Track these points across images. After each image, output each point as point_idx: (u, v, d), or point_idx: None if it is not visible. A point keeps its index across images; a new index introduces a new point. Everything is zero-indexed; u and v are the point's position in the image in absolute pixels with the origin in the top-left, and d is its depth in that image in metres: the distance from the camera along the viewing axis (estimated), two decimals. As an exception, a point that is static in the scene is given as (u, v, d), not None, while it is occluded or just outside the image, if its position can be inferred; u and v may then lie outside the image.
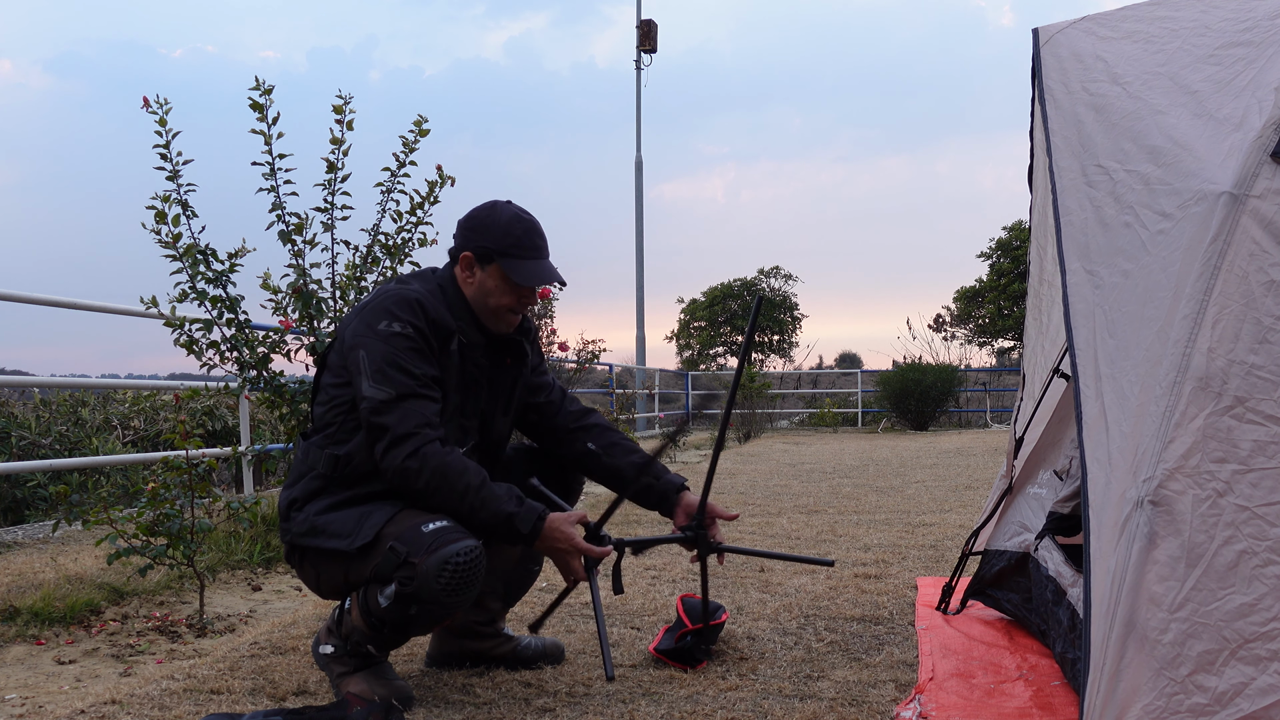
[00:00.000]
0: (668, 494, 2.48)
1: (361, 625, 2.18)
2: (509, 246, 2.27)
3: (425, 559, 2.04)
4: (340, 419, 2.24)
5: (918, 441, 13.43)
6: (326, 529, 2.18)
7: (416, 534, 2.08)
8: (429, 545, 2.05)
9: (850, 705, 2.18)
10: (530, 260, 2.29)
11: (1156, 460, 1.62)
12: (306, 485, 2.24)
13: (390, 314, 2.18)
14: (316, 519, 2.19)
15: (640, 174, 21.15)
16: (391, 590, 2.08)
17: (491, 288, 2.30)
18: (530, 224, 2.32)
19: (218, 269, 4.04)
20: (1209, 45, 2.02)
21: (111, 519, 3.16)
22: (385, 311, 2.19)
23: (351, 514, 2.17)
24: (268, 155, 4.06)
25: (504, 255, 2.27)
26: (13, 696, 2.41)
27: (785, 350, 28.04)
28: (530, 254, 2.30)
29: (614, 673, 2.17)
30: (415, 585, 2.05)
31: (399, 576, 2.07)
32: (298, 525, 2.22)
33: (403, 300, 2.20)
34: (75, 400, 7.86)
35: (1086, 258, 1.96)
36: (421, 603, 2.07)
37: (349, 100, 4.13)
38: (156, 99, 3.90)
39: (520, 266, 2.28)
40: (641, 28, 21.17)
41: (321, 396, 2.29)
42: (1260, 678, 1.49)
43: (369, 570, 2.12)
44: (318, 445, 2.25)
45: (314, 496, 2.23)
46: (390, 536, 2.10)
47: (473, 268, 2.31)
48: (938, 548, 4.30)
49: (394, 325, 2.17)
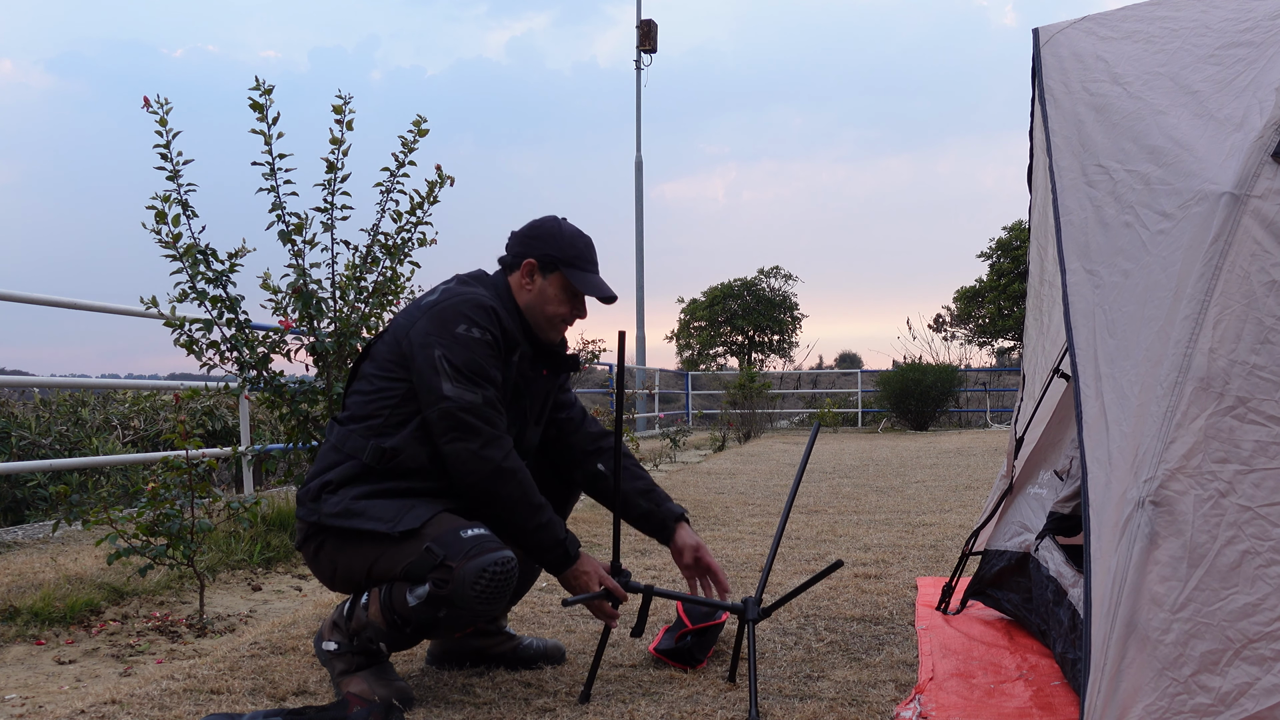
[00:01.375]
0: (666, 522, 2.49)
1: (380, 622, 2.17)
2: (573, 257, 2.35)
3: (463, 564, 2.04)
4: (388, 411, 2.24)
5: (918, 441, 13.43)
6: (366, 512, 2.17)
7: (455, 538, 2.08)
8: (468, 550, 2.06)
9: (850, 705, 2.18)
10: (591, 273, 2.39)
11: (1158, 460, 1.62)
12: (345, 470, 2.22)
13: (469, 319, 2.22)
14: (354, 503, 2.18)
15: (640, 174, 21.15)
16: (425, 591, 2.08)
17: (551, 295, 2.36)
18: (589, 240, 2.42)
19: (218, 269, 4.04)
20: (1210, 45, 2.01)
21: (111, 519, 3.16)
22: (463, 316, 2.22)
23: (393, 503, 2.17)
24: (268, 155, 4.06)
25: (568, 265, 2.35)
26: (13, 696, 2.41)
27: (785, 350, 28.03)
28: (591, 267, 2.40)
29: (590, 694, 2.24)
30: (450, 589, 2.05)
31: (434, 578, 2.07)
32: (331, 506, 2.20)
33: (480, 306, 2.24)
34: (75, 400, 7.86)
35: (1087, 257, 1.96)
36: (453, 607, 2.07)
37: (348, 100, 4.13)
38: (157, 99, 3.90)
39: (584, 277, 2.36)
40: (641, 28, 21.16)
41: (364, 385, 2.29)
42: (1265, 678, 1.49)
43: (399, 568, 2.12)
44: (359, 434, 2.24)
45: (351, 482, 2.22)
46: (428, 537, 2.10)
47: (534, 275, 2.35)
48: (938, 548, 4.30)
49: (474, 330, 2.21)
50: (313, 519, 2.24)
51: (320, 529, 2.23)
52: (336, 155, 4.15)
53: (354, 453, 2.23)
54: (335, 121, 4.12)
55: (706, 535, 4.75)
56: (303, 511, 2.27)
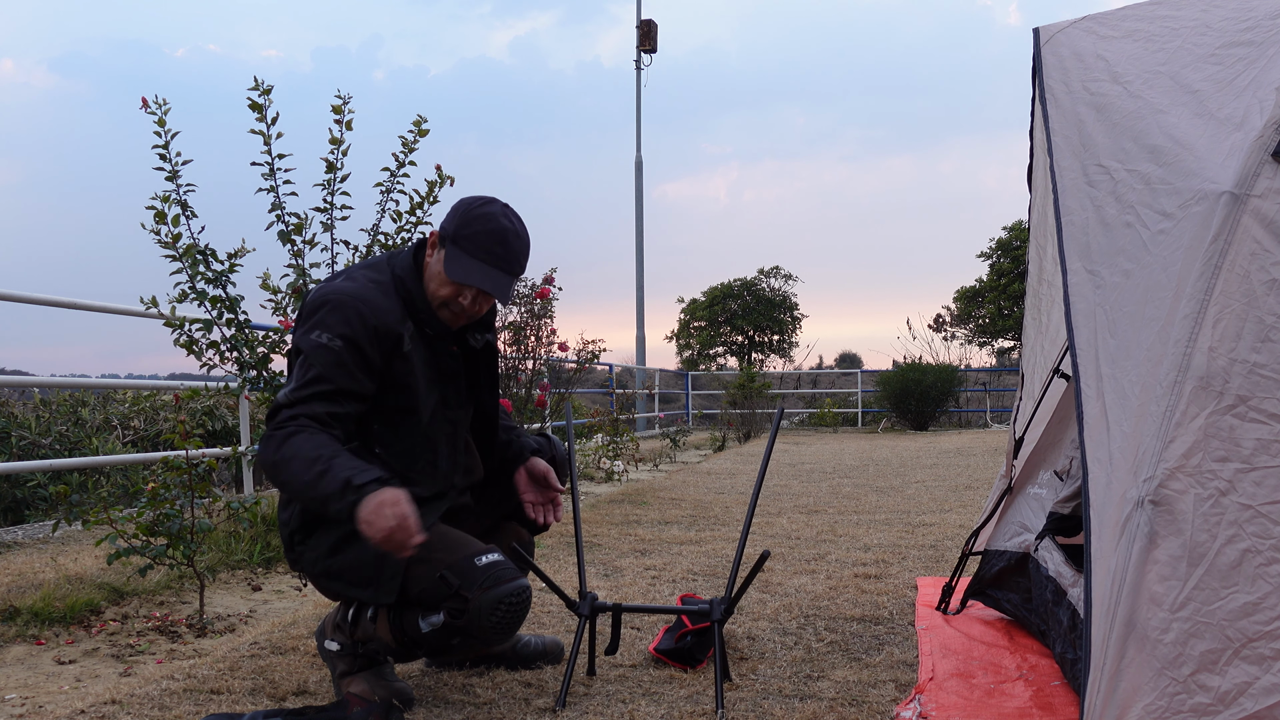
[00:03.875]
0: (521, 454, 2.40)
1: (389, 640, 2.14)
2: (463, 237, 2.09)
3: (479, 595, 2.01)
4: None
5: (918, 441, 13.43)
6: (344, 574, 2.11)
7: (470, 566, 2.04)
8: (483, 581, 2.02)
9: (850, 705, 2.18)
10: (475, 260, 2.09)
11: (1157, 460, 1.62)
12: (302, 514, 2.15)
13: (323, 324, 2.06)
14: (329, 562, 2.12)
15: (640, 174, 21.15)
16: (439, 620, 2.05)
17: (436, 272, 2.14)
18: (503, 231, 2.11)
19: (217, 269, 4.04)
20: (1210, 45, 2.01)
21: (111, 519, 3.16)
22: (319, 322, 2.06)
23: (364, 555, 2.06)
24: (267, 155, 4.06)
25: (454, 243, 2.10)
26: (13, 696, 2.40)
27: (785, 350, 28.03)
28: (483, 256, 2.09)
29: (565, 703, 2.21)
30: (466, 620, 2.02)
31: (449, 608, 2.04)
32: (309, 564, 2.15)
33: (338, 306, 2.06)
34: (75, 400, 7.85)
35: (1087, 257, 1.96)
36: (468, 636, 2.04)
37: (348, 100, 4.13)
38: (155, 99, 3.90)
39: (461, 260, 2.09)
40: (641, 28, 21.15)
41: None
42: (1264, 677, 1.49)
43: (412, 592, 2.07)
44: None
45: (313, 529, 2.14)
46: (439, 563, 2.04)
47: (434, 248, 2.17)
48: (938, 548, 4.30)
49: (323, 336, 2.04)
50: (297, 568, 2.21)
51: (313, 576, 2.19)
52: (336, 155, 4.15)
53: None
54: (335, 121, 4.12)
55: (706, 535, 4.76)
56: (287, 557, 2.22)
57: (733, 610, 2.35)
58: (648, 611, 2.46)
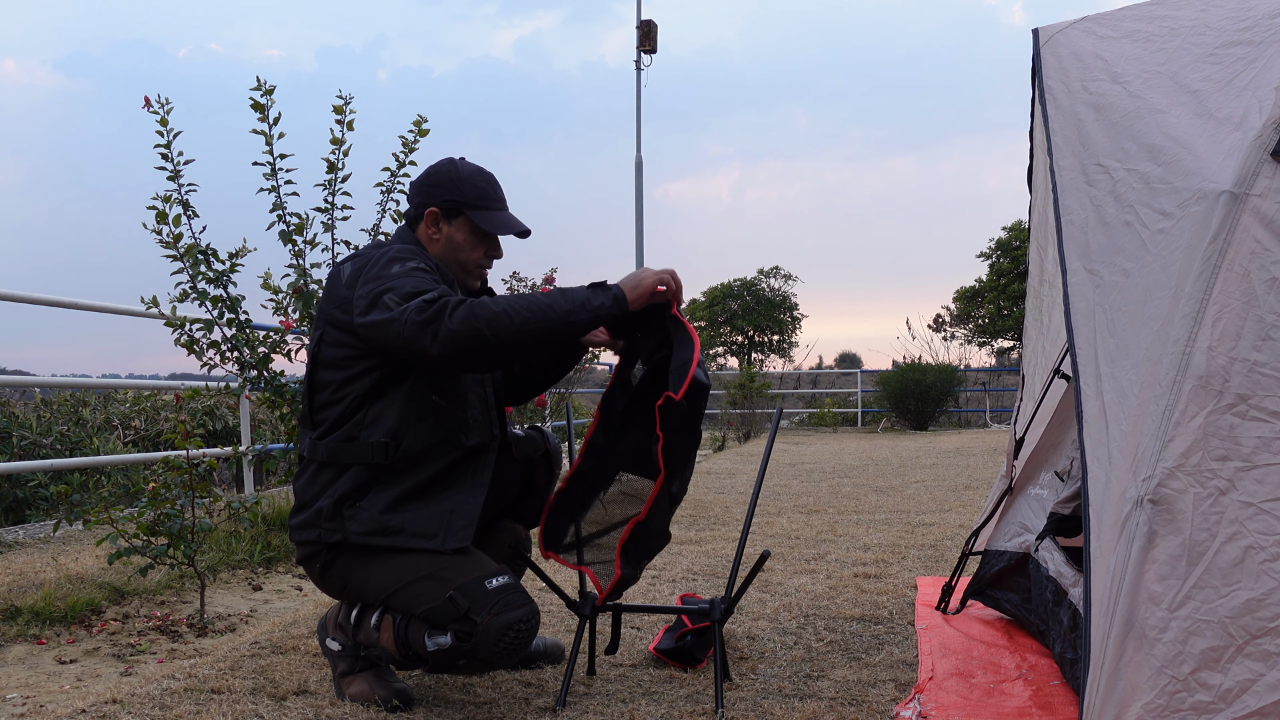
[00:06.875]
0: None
1: (392, 649, 2.13)
2: (476, 198, 2.23)
3: (488, 620, 1.99)
4: (363, 409, 2.11)
5: (917, 441, 13.43)
6: (404, 528, 2.07)
7: (480, 589, 2.02)
8: (492, 606, 2.00)
9: (850, 705, 2.18)
10: (498, 211, 2.27)
11: (1156, 459, 1.62)
12: (355, 478, 2.10)
13: (398, 259, 2.09)
14: (387, 518, 2.07)
15: (640, 174, 21.13)
16: (445, 641, 2.02)
17: (460, 241, 2.24)
18: (492, 177, 2.30)
19: (218, 269, 4.04)
20: (1209, 44, 2.02)
21: (112, 519, 3.16)
22: (393, 260, 2.09)
23: (425, 513, 2.08)
24: (269, 155, 4.06)
25: (472, 207, 2.23)
26: (14, 696, 2.41)
27: (785, 350, 28.04)
28: (497, 205, 2.27)
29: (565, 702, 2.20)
30: (473, 644, 2.00)
31: (457, 630, 2.02)
32: (360, 524, 2.08)
33: (401, 254, 2.12)
34: (76, 400, 7.86)
35: (1087, 257, 1.96)
36: (473, 659, 2.03)
37: (349, 100, 4.14)
38: (158, 99, 3.91)
39: (491, 217, 2.24)
40: (641, 28, 21.13)
41: (328, 396, 2.14)
42: (1269, 673, 1.49)
43: (420, 609, 2.05)
44: (344, 438, 2.11)
45: (367, 489, 2.10)
46: (450, 583, 2.03)
47: (439, 223, 2.24)
48: (938, 548, 4.30)
49: (408, 264, 2.07)
50: (334, 539, 2.10)
51: (334, 546, 2.13)
52: (337, 155, 4.16)
53: (357, 457, 2.10)
54: (336, 122, 4.13)
55: (706, 535, 4.76)
56: (314, 533, 2.12)
57: (733, 610, 2.36)
58: (648, 611, 2.47)
